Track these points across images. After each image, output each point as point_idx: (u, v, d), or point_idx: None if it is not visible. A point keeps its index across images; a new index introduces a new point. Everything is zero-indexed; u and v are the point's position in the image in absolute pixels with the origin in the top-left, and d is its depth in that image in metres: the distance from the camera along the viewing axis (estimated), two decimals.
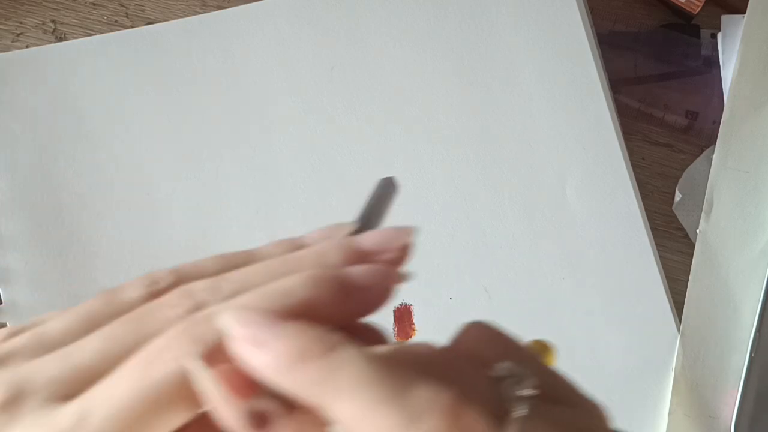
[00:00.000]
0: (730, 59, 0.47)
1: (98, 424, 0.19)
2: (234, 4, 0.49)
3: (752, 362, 0.44)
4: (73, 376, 0.20)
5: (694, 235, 0.47)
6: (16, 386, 0.20)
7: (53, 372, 0.21)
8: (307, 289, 0.20)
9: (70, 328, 0.22)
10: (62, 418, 0.20)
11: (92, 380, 0.20)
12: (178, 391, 0.19)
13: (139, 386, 0.19)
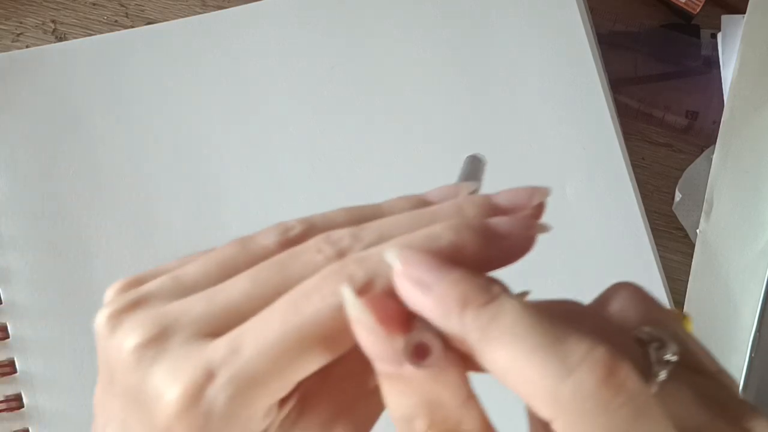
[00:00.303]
0: (730, 59, 0.47)
1: (249, 358, 0.20)
2: (234, 4, 0.49)
3: (752, 362, 0.44)
4: (220, 314, 0.21)
5: (694, 235, 0.47)
6: (163, 323, 0.21)
7: (200, 310, 0.21)
8: (452, 235, 0.20)
9: (206, 272, 0.22)
10: (211, 351, 0.20)
11: (239, 320, 0.20)
12: (330, 329, 0.19)
13: (291, 322, 0.20)
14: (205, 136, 0.48)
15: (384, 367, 0.19)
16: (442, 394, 0.19)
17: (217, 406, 0.20)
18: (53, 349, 0.45)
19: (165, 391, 0.20)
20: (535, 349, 0.17)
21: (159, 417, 0.20)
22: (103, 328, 0.22)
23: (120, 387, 0.21)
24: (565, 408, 0.17)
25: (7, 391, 0.45)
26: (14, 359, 0.45)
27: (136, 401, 0.21)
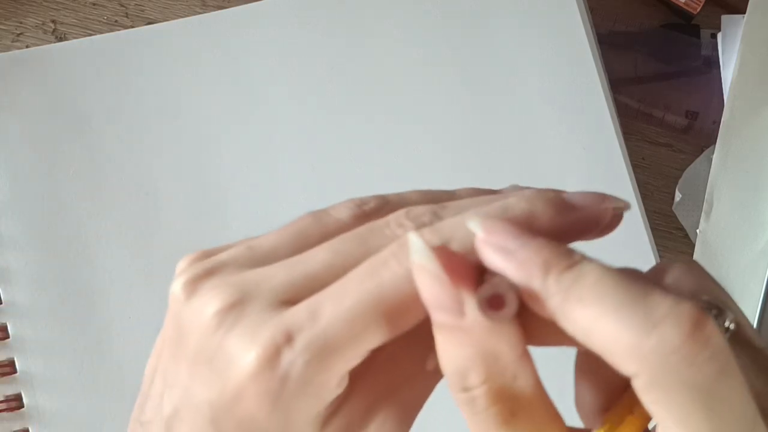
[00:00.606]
0: (730, 59, 0.47)
1: (328, 323, 0.20)
2: (234, 4, 0.49)
3: None
4: (300, 283, 0.21)
5: (694, 235, 0.47)
6: (243, 289, 0.21)
7: (280, 278, 0.21)
8: (526, 204, 0.21)
9: (282, 243, 0.23)
10: (290, 316, 0.20)
11: (318, 289, 0.21)
12: (406, 294, 0.20)
13: (369, 288, 0.20)
14: (205, 136, 0.48)
15: (443, 317, 0.19)
16: (500, 348, 0.19)
17: (294, 370, 0.20)
18: (53, 349, 0.45)
19: (242, 353, 0.20)
20: (619, 306, 0.18)
21: (232, 379, 0.20)
22: (180, 293, 0.22)
23: (192, 352, 0.21)
24: (649, 362, 0.17)
25: (7, 391, 0.45)
26: (14, 359, 0.45)
27: (209, 366, 0.21)
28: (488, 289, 0.19)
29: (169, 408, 0.22)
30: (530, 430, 0.20)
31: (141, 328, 0.45)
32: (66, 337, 0.45)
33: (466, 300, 0.19)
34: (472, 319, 0.19)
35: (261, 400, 0.20)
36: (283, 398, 0.20)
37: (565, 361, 0.24)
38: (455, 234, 0.20)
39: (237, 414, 0.21)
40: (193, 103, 0.48)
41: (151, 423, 0.23)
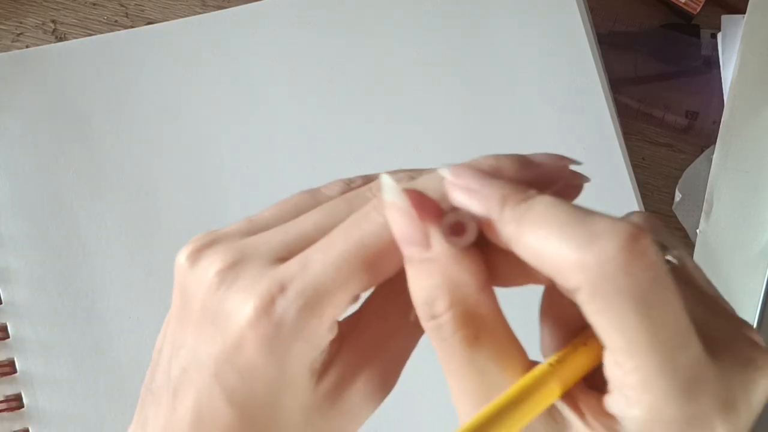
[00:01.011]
0: (730, 59, 0.48)
1: (317, 271, 0.22)
2: (234, 4, 0.49)
3: None
4: (293, 242, 0.24)
5: (694, 235, 0.47)
6: (241, 251, 0.23)
7: (276, 239, 0.24)
8: (491, 160, 0.24)
9: (279, 214, 0.26)
10: (284, 269, 0.23)
11: (309, 245, 0.23)
12: (387, 240, 0.22)
13: (353, 236, 0.22)
14: (205, 136, 0.48)
15: (413, 250, 0.21)
16: (463, 276, 0.21)
17: (288, 315, 0.22)
18: (53, 349, 0.45)
19: (241, 305, 0.22)
20: (563, 226, 0.20)
21: (233, 329, 0.22)
22: (184, 261, 0.24)
23: (196, 313, 0.24)
24: (589, 273, 0.19)
25: (7, 391, 0.45)
26: (14, 359, 0.45)
27: (212, 322, 0.23)
28: (451, 217, 0.21)
29: (177, 370, 0.24)
30: (493, 353, 0.22)
31: (141, 328, 0.45)
32: (66, 337, 0.45)
33: (432, 233, 0.21)
34: (438, 250, 0.21)
35: (259, 346, 0.22)
36: (278, 343, 0.22)
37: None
38: (428, 185, 0.23)
39: (238, 364, 0.23)
40: (193, 103, 0.48)
41: (160, 388, 0.25)
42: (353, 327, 0.25)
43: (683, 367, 0.19)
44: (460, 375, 0.22)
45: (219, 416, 0.23)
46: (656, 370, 0.19)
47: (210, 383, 0.23)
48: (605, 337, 0.20)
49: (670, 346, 0.19)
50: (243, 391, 0.23)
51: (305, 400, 0.24)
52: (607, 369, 0.20)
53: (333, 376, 0.24)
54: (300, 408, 0.24)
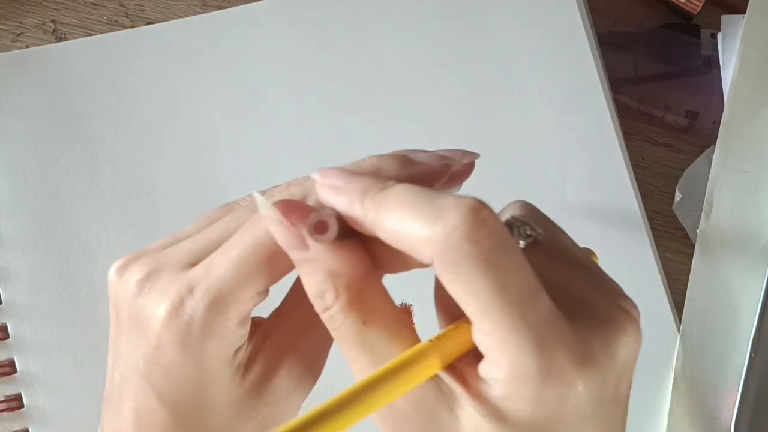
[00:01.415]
0: (730, 59, 0.48)
1: (219, 271, 0.24)
2: (234, 4, 0.49)
3: (752, 362, 0.44)
4: (202, 249, 0.26)
5: (694, 235, 0.47)
6: (157, 261, 0.26)
7: (186, 248, 0.26)
8: (374, 160, 0.26)
9: (197, 228, 0.28)
10: (192, 273, 0.25)
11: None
12: (279, 244, 0.24)
13: (250, 238, 0.25)
14: (205, 136, 0.48)
15: (296, 254, 0.24)
16: (343, 268, 0.23)
17: (196, 314, 0.24)
18: (53, 349, 0.45)
19: (156, 309, 0.25)
20: (414, 207, 0.21)
21: (152, 331, 0.25)
22: (113, 275, 0.27)
23: (125, 321, 0.26)
24: (438, 245, 0.21)
25: (7, 391, 0.45)
26: (14, 359, 0.45)
27: (137, 327, 0.25)
28: (313, 217, 0.23)
29: (118, 375, 0.26)
30: (382, 333, 0.23)
31: None
32: (66, 337, 0.45)
33: (306, 235, 0.23)
34: (314, 249, 0.23)
35: (175, 344, 0.24)
36: (192, 340, 0.24)
37: None
38: (308, 190, 0.26)
39: (161, 363, 0.25)
40: (193, 103, 0.48)
41: (110, 394, 0.27)
42: (275, 322, 0.27)
43: (535, 324, 0.21)
44: (356, 357, 0.23)
45: (154, 415, 0.25)
46: (509, 328, 0.20)
47: (142, 384, 0.25)
48: (462, 305, 0.21)
49: (520, 305, 0.21)
50: (170, 389, 0.25)
51: (232, 393, 0.26)
52: (474, 336, 0.22)
53: (257, 369, 0.26)
54: (229, 401, 0.26)
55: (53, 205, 0.47)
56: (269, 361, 0.26)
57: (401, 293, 0.46)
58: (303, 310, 0.27)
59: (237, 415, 0.26)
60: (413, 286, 0.47)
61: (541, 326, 0.21)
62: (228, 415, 0.26)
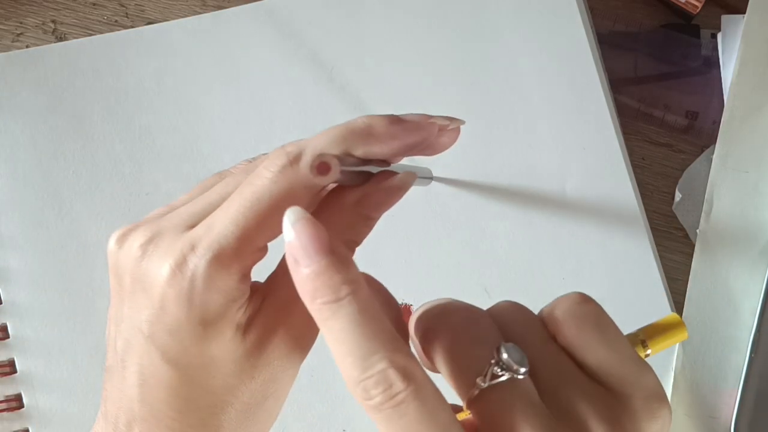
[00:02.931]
0: (730, 59, 0.48)
1: (219, 228, 0.25)
2: (234, 4, 0.49)
3: (752, 362, 0.44)
4: (201, 211, 0.27)
5: (694, 235, 0.47)
6: (160, 225, 0.27)
7: (186, 212, 0.27)
8: (366, 119, 0.27)
9: (192, 195, 0.29)
10: (194, 232, 0.26)
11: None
12: (276, 193, 0.25)
13: (247, 194, 0.25)
14: (204, 136, 0.48)
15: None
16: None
17: (199, 270, 0.25)
18: (53, 349, 0.45)
19: (160, 268, 0.25)
20: (345, 355, 0.22)
21: (156, 290, 0.25)
22: (113, 245, 0.27)
23: (128, 286, 0.26)
24: (358, 395, 0.22)
25: (7, 391, 0.45)
26: (14, 359, 0.45)
27: (142, 290, 0.26)
28: (316, 158, 0.25)
29: (121, 343, 0.27)
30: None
31: None
32: (66, 337, 0.45)
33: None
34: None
35: (179, 301, 0.25)
36: (195, 295, 0.25)
37: None
38: (309, 147, 0.26)
39: (166, 322, 0.25)
40: (193, 103, 0.48)
41: (112, 365, 0.27)
42: (271, 285, 0.28)
43: None
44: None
45: (160, 375, 0.26)
46: None
47: (147, 346, 0.26)
48: None
49: None
50: (175, 347, 0.26)
51: (234, 351, 0.26)
52: None
53: (257, 329, 0.27)
54: (231, 358, 0.26)
55: (53, 205, 0.47)
56: (267, 322, 0.27)
57: (401, 293, 0.46)
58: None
59: (239, 374, 0.26)
60: (413, 286, 0.47)
61: None
62: (230, 373, 0.26)
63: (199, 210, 0.27)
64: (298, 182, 0.25)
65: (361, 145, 0.26)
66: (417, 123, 0.28)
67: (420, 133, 0.28)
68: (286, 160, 0.25)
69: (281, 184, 0.25)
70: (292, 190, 0.25)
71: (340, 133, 0.26)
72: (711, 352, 0.45)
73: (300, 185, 0.25)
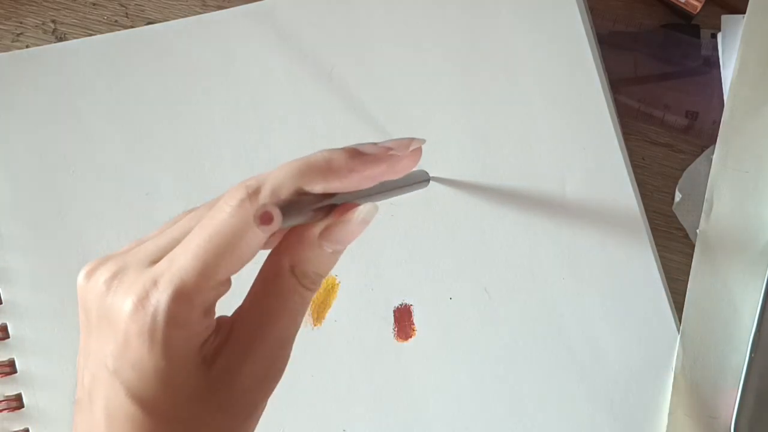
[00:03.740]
0: (730, 59, 0.48)
1: (181, 263, 0.26)
2: (234, 4, 0.49)
3: (752, 362, 0.44)
4: (165, 245, 0.27)
5: (694, 235, 0.47)
6: (123, 261, 0.27)
7: (150, 246, 0.27)
8: (325, 153, 0.27)
9: (161, 230, 0.29)
10: (156, 267, 0.26)
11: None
12: (235, 232, 0.26)
13: (207, 229, 0.26)
14: (204, 136, 0.48)
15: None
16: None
17: (161, 305, 0.25)
18: (53, 349, 0.45)
19: (123, 303, 0.26)
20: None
21: (120, 326, 0.26)
22: (82, 280, 0.28)
23: (95, 321, 0.27)
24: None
25: (7, 391, 0.45)
26: (14, 359, 0.45)
27: (107, 324, 0.26)
28: (259, 209, 0.26)
29: (88, 377, 0.27)
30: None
31: None
32: (66, 337, 0.45)
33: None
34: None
35: (141, 337, 0.25)
36: (157, 331, 0.25)
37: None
38: (268, 182, 0.27)
39: (129, 357, 0.26)
40: (192, 103, 0.48)
41: (81, 398, 0.28)
42: (239, 317, 0.28)
43: None
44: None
45: (125, 409, 0.26)
46: None
47: (112, 381, 0.26)
48: None
49: None
50: (139, 383, 0.26)
51: (199, 384, 0.26)
52: None
53: (223, 361, 0.27)
54: (196, 392, 0.26)
55: (53, 205, 0.47)
56: (234, 355, 0.27)
57: (401, 293, 0.46)
58: (264, 304, 0.28)
59: (206, 407, 0.27)
60: (413, 286, 0.47)
61: None
62: (196, 406, 0.26)
63: (164, 245, 0.27)
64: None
65: (320, 180, 0.27)
66: (376, 156, 0.28)
67: (380, 166, 0.29)
68: (245, 194, 0.26)
69: (239, 218, 0.26)
70: (250, 224, 0.25)
71: (299, 168, 0.27)
72: (711, 352, 0.45)
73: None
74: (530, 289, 0.46)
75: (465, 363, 0.46)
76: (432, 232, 0.47)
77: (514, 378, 0.46)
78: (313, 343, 0.46)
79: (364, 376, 0.46)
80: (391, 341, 0.46)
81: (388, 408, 0.45)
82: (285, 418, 0.45)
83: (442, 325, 0.46)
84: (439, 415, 0.45)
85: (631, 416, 0.45)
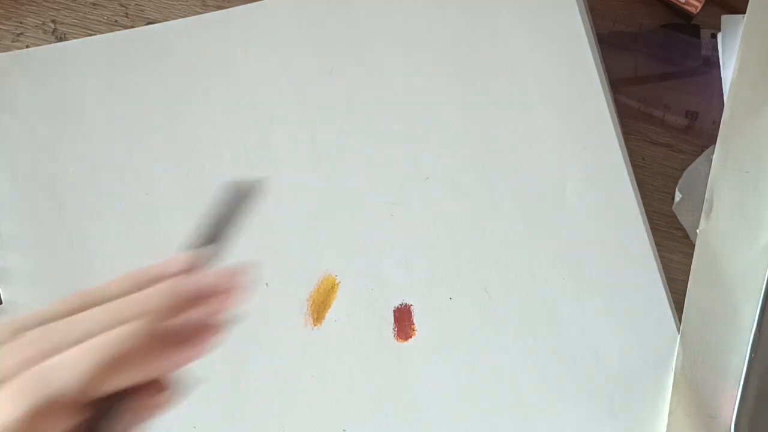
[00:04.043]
0: (730, 59, 0.47)
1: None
2: (234, 4, 0.49)
3: (752, 362, 0.44)
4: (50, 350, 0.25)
5: (694, 235, 0.47)
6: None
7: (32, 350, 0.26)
8: (124, 344, 0.25)
9: (63, 309, 0.28)
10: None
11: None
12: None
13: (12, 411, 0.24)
14: (204, 136, 0.48)
15: None
16: None
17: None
18: None
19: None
20: None
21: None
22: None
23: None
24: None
25: None
26: None
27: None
28: None
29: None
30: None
31: None
32: None
33: None
34: None
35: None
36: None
37: None
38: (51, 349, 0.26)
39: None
40: (192, 103, 0.48)
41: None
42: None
43: None
44: None
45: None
46: None
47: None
48: None
49: None
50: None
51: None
52: None
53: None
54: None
55: (53, 205, 0.47)
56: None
57: (401, 293, 0.46)
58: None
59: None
60: (413, 286, 0.47)
61: None
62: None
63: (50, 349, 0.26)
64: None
65: (113, 376, 0.25)
66: (189, 339, 0.27)
67: (190, 353, 0.27)
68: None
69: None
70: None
71: (90, 364, 0.25)
72: (711, 352, 0.45)
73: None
74: (530, 289, 0.46)
75: (465, 363, 0.46)
76: (432, 232, 0.47)
77: (514, 378, 0.46)
78: (313, 343, 0.46)
79: (364, 376, 0.46)
80: (391, 341, 0.46)
81: (388, 408, 0.45)
82: (285, 418, 0.45)
83: (442, 325, 0.46)
84: (439, 415, 0.45)
85: (631, 416, 0.46)
